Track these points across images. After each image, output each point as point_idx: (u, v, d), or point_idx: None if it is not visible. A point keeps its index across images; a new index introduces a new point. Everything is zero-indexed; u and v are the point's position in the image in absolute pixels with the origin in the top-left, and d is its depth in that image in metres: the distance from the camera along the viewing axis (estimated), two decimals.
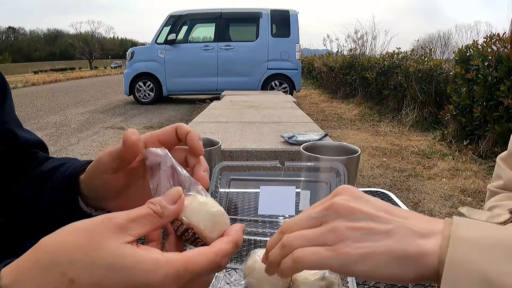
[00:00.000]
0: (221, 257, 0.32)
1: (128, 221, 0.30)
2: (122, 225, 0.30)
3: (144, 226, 0.31)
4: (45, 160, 0.58)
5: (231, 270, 0.68)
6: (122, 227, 0.30)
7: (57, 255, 0.28)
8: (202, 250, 0.32)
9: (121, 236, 0.29)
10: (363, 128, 6.05)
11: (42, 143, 0.64)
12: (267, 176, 0.73)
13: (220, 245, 0.33)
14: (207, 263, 0.31)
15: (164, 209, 0.33)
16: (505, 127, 3.79)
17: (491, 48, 4.21)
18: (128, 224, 0.30)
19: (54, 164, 0.54)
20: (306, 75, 16.61)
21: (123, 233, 0.30)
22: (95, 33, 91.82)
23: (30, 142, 0.61)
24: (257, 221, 0.72)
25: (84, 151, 4.92)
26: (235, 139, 2.47)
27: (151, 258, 0.29)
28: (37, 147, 0.62)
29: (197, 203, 0.35)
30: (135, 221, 0.31)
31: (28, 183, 0.53)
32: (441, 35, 37.14)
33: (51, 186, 0.50)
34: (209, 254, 0.32)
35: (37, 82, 19.93)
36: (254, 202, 0.78)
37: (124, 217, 0.31)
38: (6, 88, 0.59)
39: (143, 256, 0.29)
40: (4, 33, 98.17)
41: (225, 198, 0.75)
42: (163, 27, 8.83)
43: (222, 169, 0.74)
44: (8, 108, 0.59)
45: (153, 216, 0.32)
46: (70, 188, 0.47)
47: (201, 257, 0.31)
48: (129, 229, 0.30)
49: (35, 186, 0.52)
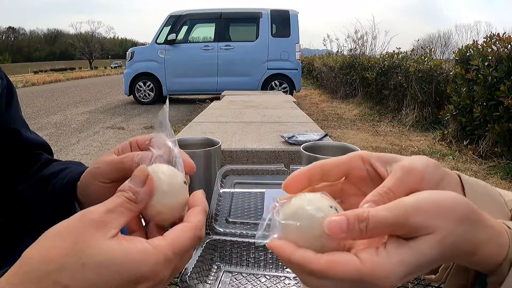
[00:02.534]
0: (199, 229, 0.33)
1: (105, 214, 0.30)
2: (101, 220, 0.30)
3: (123, 215, 0.31)
4: (48, 163, 0.58)
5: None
6: (101, 222, 0.29)
7: (46, 264, 0.27)
8: (182, 228, 0.32)
9: (104, 232, 0.29)
10: (363, 128, 6.05)
11: (47, 145, 0.65)
12: (271, 179, 0.72)
13: (195, 218, 0.34)
14: (191, 240, 0.32)
15: (136, 194, 0.32)
16: (505, 127, 3.79)
17: (491, 48, 4.21)
18: (106, 217, 0.30)
19: (55, 169, 0.54)
20: (306, 75, 16.61)
21: (104, 227, 0.29)
22: (95, 33, 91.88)
23: (34, 143, 0.61)
24: (255, 224, 0.72)
25: (84, 151, 4.91)
26: (235, 139, 2.47)
27: (139, 248, 0.29)
28: (41, 148, 0.62)
29: (161, 179, 0.34)
30: (113, 212, 0.31)
31: (30, 184, 0.53)
32: (441, 35, 37.17)
33: (51, 191, 0.50)
34: (190, 231, 0.32)
35: (37, 82, 19.92)
36: (255, 204, 0.77)
37: (100, 210, 0.30)
38: (12, 89, 0.60)
39: (130, 249, 0.29)
40: (4, 33, 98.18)
41: (230, 200, 0.75)
42: (163, 27, 8.83)
43: (226, 172, 0.74)
44: (15, 108, 0.60)
45: (128, 203, 0.32)
46: (68, 194, 0.48)
47: (185, 236, 0.31)
48: (109, 223, 0.30)
49: (36, 189, 0.52)
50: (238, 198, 0.76)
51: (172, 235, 0.31)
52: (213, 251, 0.72)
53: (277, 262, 0.71)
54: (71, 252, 0.27)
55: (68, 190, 0.48)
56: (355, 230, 0.27)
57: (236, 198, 0.76)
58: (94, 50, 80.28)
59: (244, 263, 0.71)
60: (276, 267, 0.71)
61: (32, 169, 0.57)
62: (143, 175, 0.33)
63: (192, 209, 0.35)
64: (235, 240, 0.71)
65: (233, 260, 0.72)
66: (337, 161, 0.36)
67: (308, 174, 0.34)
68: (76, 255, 0.27)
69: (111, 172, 0.43)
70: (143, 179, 0.33)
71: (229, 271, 0.71)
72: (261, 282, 0.68)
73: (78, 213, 0.30)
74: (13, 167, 0.56)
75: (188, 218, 0.34)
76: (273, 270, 0.71)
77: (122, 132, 6.09)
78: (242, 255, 0.71)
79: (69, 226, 0.29)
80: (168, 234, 0.32)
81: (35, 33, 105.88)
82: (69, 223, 0.29)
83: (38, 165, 0.57)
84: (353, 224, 0.27)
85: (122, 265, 0.28)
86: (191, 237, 0.32)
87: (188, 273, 0.61)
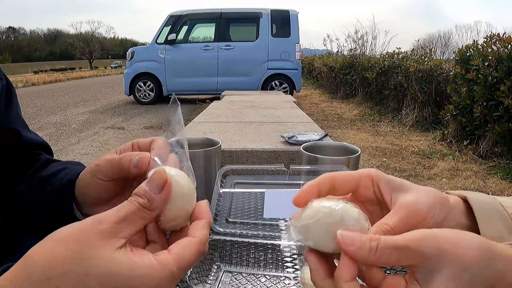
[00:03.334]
0: (204, 244, 0.32)
1: (117, 223, 0.29)
2: (112, 229, 0.29)
3: (135, 225, 0.31)
4: (47, 163, 0.58)
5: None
6: (112, 231, 0.29)
7: (49, 268, 0.27)
8: (187, 243, 0.32)
9: (112, 242, 0.29)
10: (363, 128, 6.05)
11: (47, 145, 0.65)
12: (272, 179, 0.72)
13: (200, 232, 0.33)
14: (195, 255, 0.31)
15: (151, 201, 0.31)
16: (505, 127, 3.79)
17: (491, 48, 4.21)
18: (118, 226, 0.29)
19: (54, 169, 0.54)
20: (306, 75, 16.60)
21: (114, 237, 0.29)
22: (95, 33, 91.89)
23: (34, 143, 0.61)
24: (256, 224, 0.72)
25: (84, 151, 4.91)
26: (235, 139, 2.47)
27: (146, 263, 0.29)
28: (41, 148, 0.62)
29: (179, 184, 0.33)
30: (124, 221, 0.30)
31: (30, 185, 0.53)
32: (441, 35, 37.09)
33: (50, 191, 0.50)
34: (195, 246, 0.32)
35: (37, 82, 19.91)
36: (254, 204, 0.77)
37: (112, 220, 0.30)
38: (11, 89, 0.60)
39: (137, 263, 0.29)
40: (4, 33, 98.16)
41: (230, 200, 0.75)
42: (163, 27, 8.83)
43: (226, 172, 0.74)
44: (15, 108, 0.60)
45: (142, 211, 0.31)
46: (66, 195, 0.48)
47: (189, 251, 0.31)
48: (119, 232, 0.29)
49: (36, 190, 0.52)
50: (238, 198, 0.76)
51: (177, 250, 0.31)
52: (213, 251, 0.72)
53: (277, 262, 0.71)
54: (75, 260, 0.27)
55: (66, 189, 0.48)
56: (365, 248, 0.28)
57: (236, 198, 0.76)
58: (94, 50, 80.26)
59: (244, 263, 0.71)
60: (276, 267, 0.71)
61: (31, 170, 0.57)
62: (162, 180, 0.32)
63: (197, 222, 0.34)
64: (235, 240, 0.71)
65: (233, 260, 0.72)
66: (347, 176, 0.35)
67: (318, 188, 0.34)
68: (81, 264, 0.27)
69: (110, 170, 0.43)
70: (161, 184, 0.32)
71: (229, 271, 0.71)
72: (261, 282, 0.68)
73: (89, 219, 0.30)
74: (13, 167, 0.56)
75: (193, 232, 0.33)
76: (273, 270, 0.71)
77: (122, 132, 6.09)
78: (242, 255, 0.71)
79: (77, 233, 0.29)
80: (173, 248, 0.31)
81: (35, 33, 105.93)
82: (78, 229, 0.29)
83: (38, 165, 0.57)
84: (364, 241, 0.28)
85: (128, 280, 0.28)
86: (196, 252, 0.31)
87: (188, 273, 0.61)
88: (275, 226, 0.71)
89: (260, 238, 0.70)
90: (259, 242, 0.69)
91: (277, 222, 0.71)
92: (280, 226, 0.71)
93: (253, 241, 0.70)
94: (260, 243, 0.69)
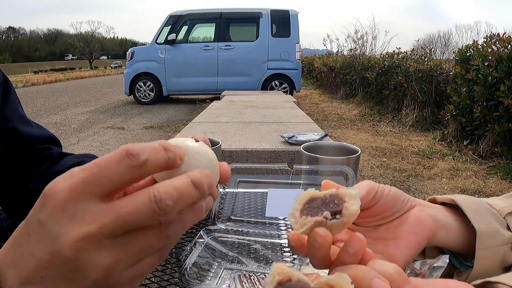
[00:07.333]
0: (199, 184, 0.26)
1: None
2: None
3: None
4: (60, 157, 0.57)
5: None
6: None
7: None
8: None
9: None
10: (363, 128, 6.05)
11: (53, 138, 0.63)
12: (275, 178, 0.73)
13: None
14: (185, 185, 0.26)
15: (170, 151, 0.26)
16: (505, 127, 3.80)
17: (491, 48, 4.22)
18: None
19: (71, 162, 0.53)
20: (306, 75, 16.61)
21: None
22: (95, 33, 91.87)
23: (36, 138, 0.59)
24: (257, 223, 0.72)
25: (84, 151, 4.91)
26: (235, 139, 2.47)
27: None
28: (46, 142, 0.61)
29: (193, 152, 0.29)
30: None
31: (43, 182, 0.53)
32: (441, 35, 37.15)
33: None
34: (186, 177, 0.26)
35: (37, 82, 19.93)
36: (255, 203, 0.78)
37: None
38: (8, 84, 0.58)
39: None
40: (4, 33, 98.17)
41: (233, 198, 0.75)
42: (163, 27, 8.83)
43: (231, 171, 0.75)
44: (12, 104, 0.59)
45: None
46: None
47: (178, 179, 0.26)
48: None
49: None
50: (241, 196, 0.77)
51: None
52: (214, 249, 0.72)
53: (277, 261, 0.71)
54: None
55: None
56: None
57: (239, 196, 0.76)
58: (94, 50, 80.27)
59: (245, 261, 0.71)
60: None
61: (42, 167, 0.56)
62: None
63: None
64: (237, 238, 0.72)
65: (234, 257, 0.72)
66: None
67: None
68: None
69: None
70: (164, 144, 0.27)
71: (230, 268, 0.71)
72: (262, 280, 0.68)
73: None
74: (18, 166, 0.55)
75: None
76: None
77: (122, 132, 6.09)
78: (243, 253, 0.72)
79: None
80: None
81: (35, 33, 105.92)
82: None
83: (49, 161, 0.56)
84: None
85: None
86: (187, 185, 0.26)
87: (188, 269, 0.62)
88: (277, 225, 0.71)
89: (261, 237, 0.70)
90: (260, 241, 0.70)
91: (278, 221, 0.72)
92: (281, 225, 0.71)
93: (254, 239, 0.70)
94: (261, 241, 0.70)
